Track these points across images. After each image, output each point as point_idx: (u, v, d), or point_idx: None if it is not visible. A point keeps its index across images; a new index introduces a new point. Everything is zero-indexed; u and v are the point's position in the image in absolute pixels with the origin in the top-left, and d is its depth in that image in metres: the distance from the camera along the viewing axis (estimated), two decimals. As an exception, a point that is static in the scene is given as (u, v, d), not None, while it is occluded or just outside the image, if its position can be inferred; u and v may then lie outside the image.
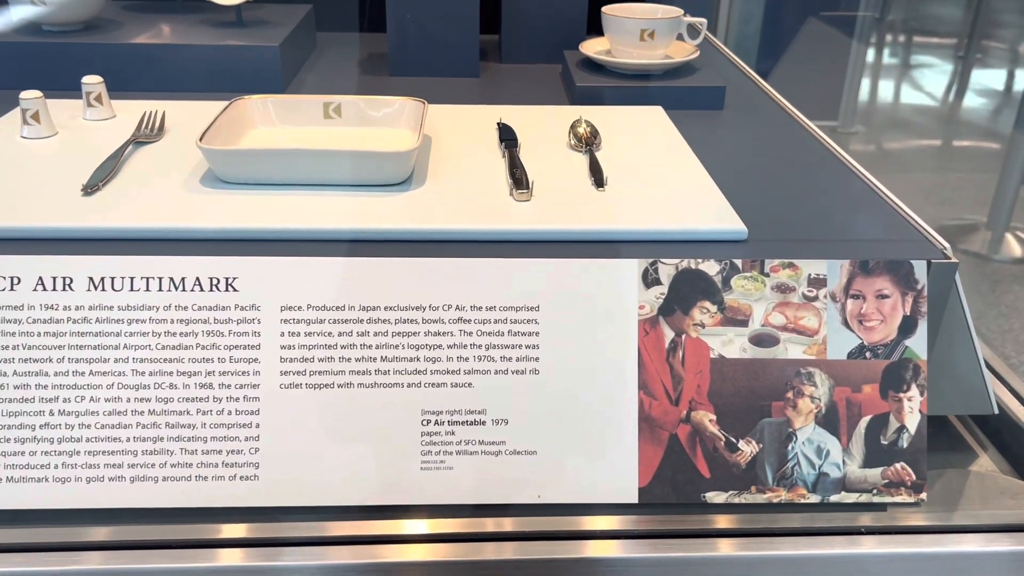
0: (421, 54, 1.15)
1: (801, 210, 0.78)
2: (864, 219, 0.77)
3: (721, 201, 0.75)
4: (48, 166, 0.80)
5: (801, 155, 0.92)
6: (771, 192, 0.82)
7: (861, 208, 0.79)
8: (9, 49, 1.05)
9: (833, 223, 0.76)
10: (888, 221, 0.76)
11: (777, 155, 0.93)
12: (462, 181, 0.79)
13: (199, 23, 1.15)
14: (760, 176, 0.86)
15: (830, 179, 0.86)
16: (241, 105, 0.87)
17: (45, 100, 0.86)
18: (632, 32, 1.05)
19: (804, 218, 0.76)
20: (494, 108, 0.99)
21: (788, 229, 0.74)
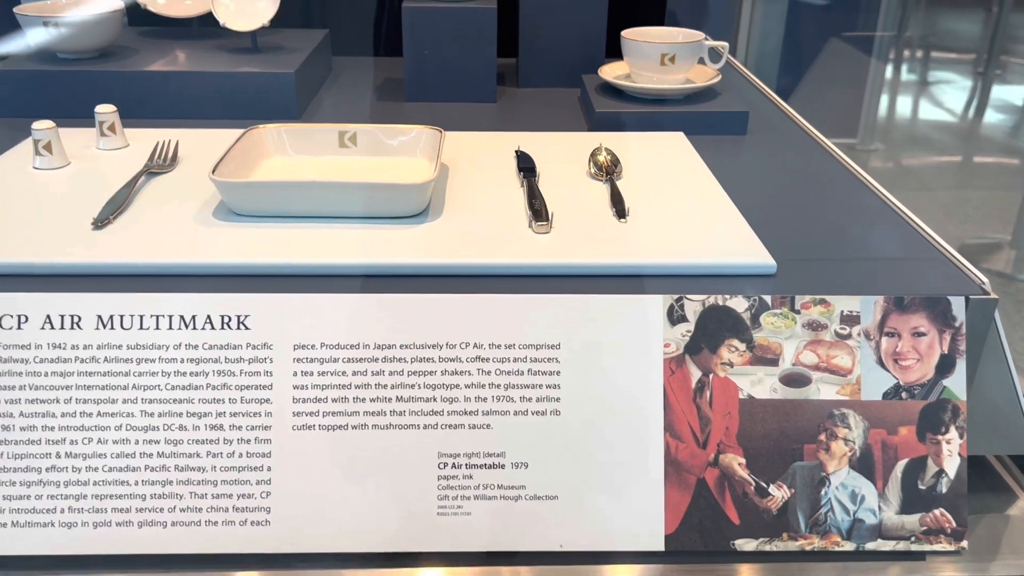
0: (437, 80, 1.14)
1: (830, 241, 0.75)
2: (897, 251, 0.74)
3: (748, 233, 0.73)
4: (59, 199, 0.79)
5: (828, 182, 0.90)
6: (798, 222, 0.80)
7: (893, 239, 0.76)
8: (24, 76, 1.04)
9: (865, 255, 0.73)
10: (923, 254, 0.73)
11: (803, 182, 0.90)
12: (480, 212, 0.77)
13: (214, 49, 1.14)
14: (786, 205, 0.84)
15: (859, 208, 0.83)
16: (255, 135, 0.85)
17: (57, 130, 0.85)
18: (652, 57, 1.03)
19: (834, 250, 0.74)
20: (512, 135, 0.97)
21: (817, 261, 0.71)
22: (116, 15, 1.07)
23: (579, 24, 1.18)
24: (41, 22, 1.02)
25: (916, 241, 0.76)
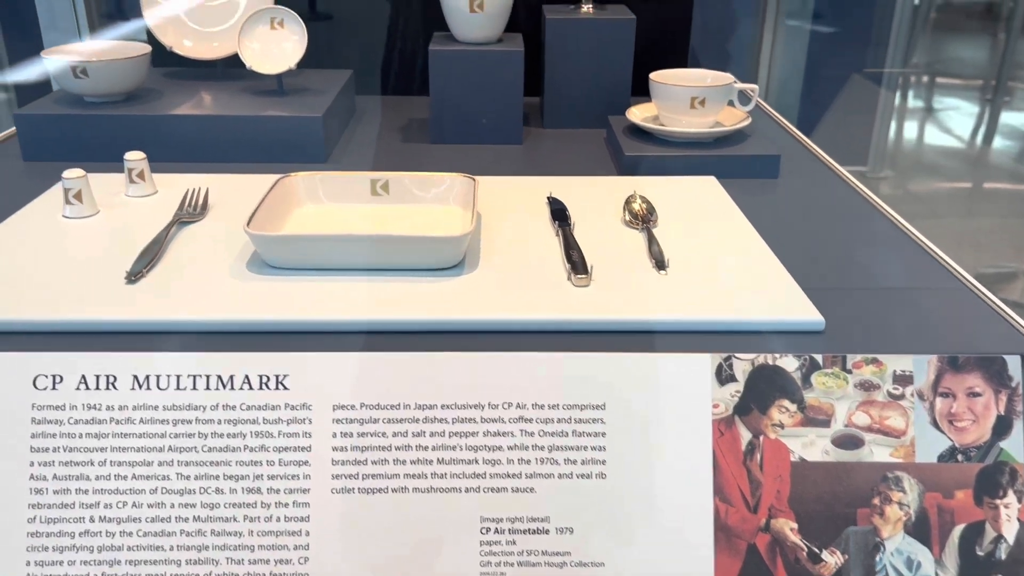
0: (463, 122, 1.13)
1: (875, 294, 0.74)
2: (947, 306, 0.72)
3: (792, 287, 0.72)
4: (90, 250, 0.78)
5: (866, 229, 0.88)
6: (841, 273, 0.78)
7: (942, 293, 0.75)
8: (51, 121, 1.03)
9: (911, 309, 0.72)
10: (975, 310, 0.72)
11: (841, 229, 0.89)
12: (516, 263, 0.76)
13: (240, 92, 1.13)
14: (826, 254, 0.82)
15: (901, 258, 0.82)
16: (287, 183, 0.84)
17: (87, 179, 0.84)
18: (682, 100, 1.02)
19: (879, 303, 0.72)
20: (542, 180, 0.96)
21: (864, 315, 0.70)
22: (143, 59, 1.07)
23: (605, 65, 1.17)
24: (69, 67, 1.02)
25: (966, 296, 0.74)
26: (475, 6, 1.09)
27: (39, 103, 1.07)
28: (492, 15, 1.10)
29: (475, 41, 1.12)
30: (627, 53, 1.17)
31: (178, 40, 1.16)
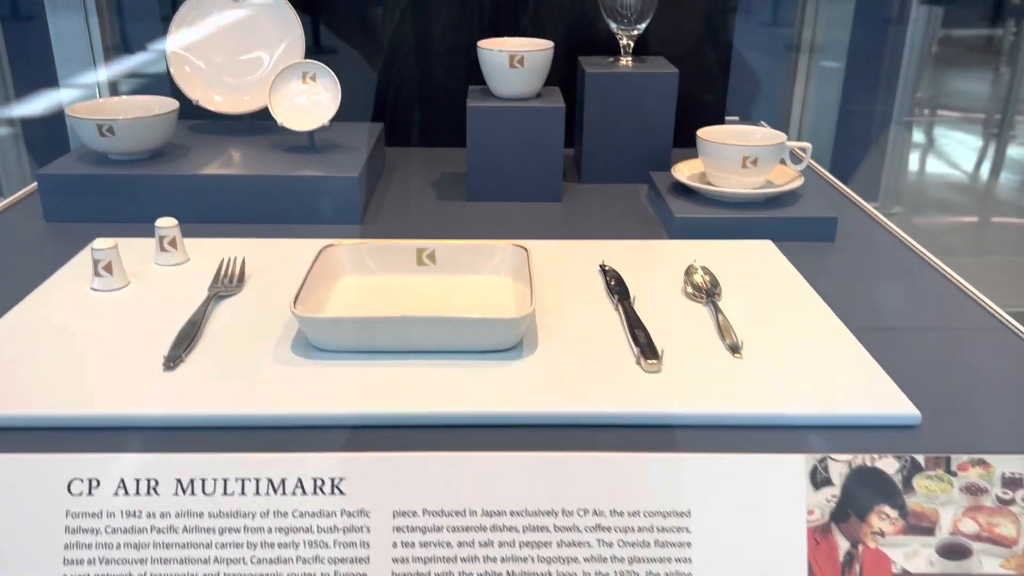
0: (501, 179, 1.09)
1: (969, 380, 0.69)
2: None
3: (878, 373, 0.67)
4: (123, 329, 0.73)
5: (938, 301, 0.84)
6: (926, 355, 0.73)
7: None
8: (75, 181, 0.99)
9: (1008, 398, 0.67)
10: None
11: (911, 301, 0.84)
12: (577, 344, 0.71)
13: (270, 147, 1.09)
14: (902, 331, 0.78)
15: (979, 333, 0.77)
16: (330, 254, 0.80)
17: (118, 249, 0.80)
18: (733, 159, 0.98)
19: (976, 391, 0.67)
20: (591, 244, 0.92)
21: (961, 406, 0.65)
22: (171, 116, 1.03)
23: (646, 119, 1.14)
24: (95, 125, 0.98)
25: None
26: (515, 62, 1.05)
27: (62, 162, 1.03)
28: (532, 70, 1.06)
29: (514, 96, 1.08)
30: (669, 108, 1.14)
31: (208, 95, 1.12)
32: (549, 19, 1.27)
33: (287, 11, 1.13)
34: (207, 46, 1.13)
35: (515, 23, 1.27)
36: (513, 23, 1.27)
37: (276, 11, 1.13)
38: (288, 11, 1.13)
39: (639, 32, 1.15)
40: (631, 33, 1.15)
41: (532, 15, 1.26)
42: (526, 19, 1.26)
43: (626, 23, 1.14)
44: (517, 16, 1.26)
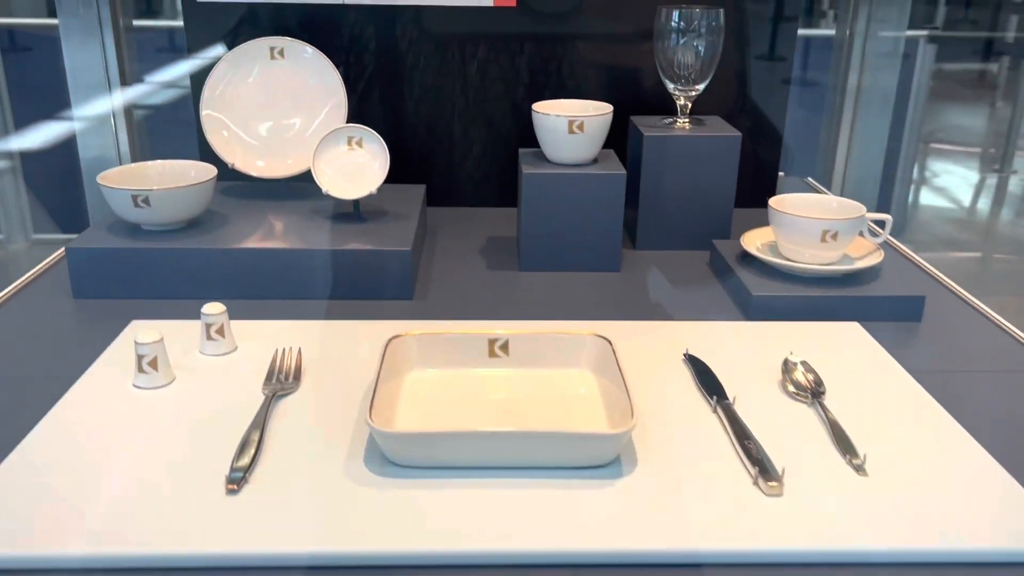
0: (557, 249, 1.03)
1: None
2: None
3: (1019, 494, 0.60)
4: (175, 438, 0.66)
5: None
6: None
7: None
8: (108, 256, 0.93)
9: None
10: None
11: (1017, 392, 0.78)
12: (680, 458, 0.64)
13: (311, 215, 1.03)
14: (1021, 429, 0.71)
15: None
16: (397, 346, 0.73)
17: (164, 343, 0.73)
18: (812, 233, 0.92)
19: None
20: (667, 327, 0.86)
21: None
22: (210, 184, 0.96)
23: (706, 184, 1.08)
24: (130, 196, 0.92)
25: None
26: (575, 127, 0.99)
27: (90, 234, 0.96)
28: (591, 136, 1.01)
29: (571, 162, 1.03)
30: (731, 172, 1.08)
31: (249, 160, 1.06)
32: (596, 78, 1.21)
33: (330, 71, 1.07)
34: (245, 108, 1.07)
35: (558, 82, 1.21)
36: (556, 82, 1.21)
37: (318, 71, 1.07)
38: (331, 71, 1.07)
39: (698, 93, 1.10)
40: (689, 94, 1.10)
41: (578, 74, 1.21)
42: (571, 79, 1.21)
43: (684, 83, 1.09)
44: (561, 75, 1.21)
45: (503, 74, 1.21)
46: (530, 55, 1.20)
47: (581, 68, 1.21)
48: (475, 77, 1.20)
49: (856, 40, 1.53)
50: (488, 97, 1.22)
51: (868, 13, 1.50)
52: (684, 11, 1.06)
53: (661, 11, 1.07)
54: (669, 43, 1.07)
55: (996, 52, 6.55)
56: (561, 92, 1.21)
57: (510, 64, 1.20)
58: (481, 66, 1.20)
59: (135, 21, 1.50)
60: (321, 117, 1.08)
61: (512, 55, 1.20)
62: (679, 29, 1.06)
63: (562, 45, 1.20)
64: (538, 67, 1.21)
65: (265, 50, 1.08)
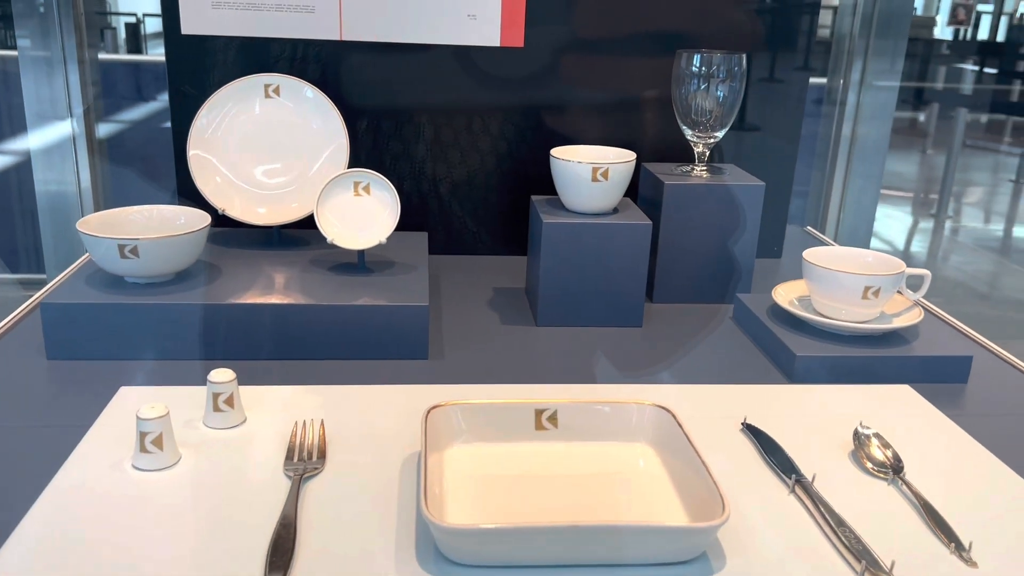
0: (576, 302, 0.97)
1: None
2: None
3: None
4: (188, 534, 0.57)
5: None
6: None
7: None
8: (88, 313, 0.83)
9: None
10: None
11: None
12: (770, 549, 0.57)
13: (311, 266, 0.95)
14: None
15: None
16: (437, 417, 0.65)
17: (169, 417, 0.64)
18: (854, 289, 0.87)
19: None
20: (715, 392, 0.80)
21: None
22: (203, 233, 0.88)
23: (728, 235, 1.03)
24: (117, 246, 0.82)
25: None
26: (599, 174, 0.94)
27: (67, 287, 0.86)
28: (615, 184, 0.95)
29: (592, 211, 0.97)
30: (754, 222, 1.04)
31: (249, 208, 0.97)
32: (606, 123, 1.16)
33: (331, 113, 0.99)
34: (239, 149, 0.99)
35: (562, 127, 1.16)
36: (560, 127, 1.16)
37: (319, 112, 1.00)
38: (332, 112, 0.99)
39: (716, 140, 1.06)
40: (707, 140, 1.05)
41: (588, 119, 1.16)
42: (574, 124, 1.16)
43: (703, 129, 1.05)
44: (564, 120, 1.16)
45: (509, 116, 1.15)
46: (536, 97, 1.15)
47: (584, 113, 1.16)
48: (480, 119, 1.14)
49: (850, 91, 1.53)
50: (493, 140, 1.15)
51: (864, 64, 1.50)
52: (705, 55, 1.01)
53: (682, 55, 1.03)
54: (689, 88, 1.02)
55: (925, 100, 6.79)
56: (560, 138, 1.15)
57: (517, 106, 1.14)
58: (486, 108, 1.14)
59: (104, 55, 1.40)
60: (321, 161, 1.00)
61: (519, 97, 1.14)
62: (700, 74, 1.02)
63: (568, 89, 1.15)
64: (543, 111, 1.15)
65: (259, 87, 1.00)
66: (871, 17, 1.51)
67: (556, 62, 1.13)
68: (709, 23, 1.13)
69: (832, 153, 1.53)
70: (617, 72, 1.15)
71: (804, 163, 1.76)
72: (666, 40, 1.12)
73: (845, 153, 1.52)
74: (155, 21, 4.78)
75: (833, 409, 0.77)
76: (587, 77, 1.15)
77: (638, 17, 1.12)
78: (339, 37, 1.08)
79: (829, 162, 1.54)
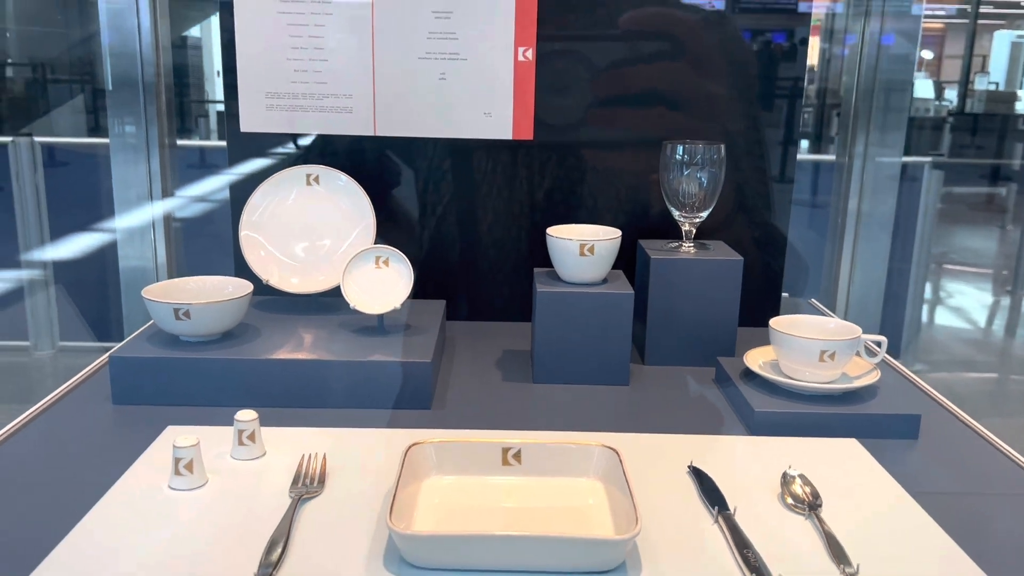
0: (568, 363, 1.09)
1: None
2: None
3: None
4: (206, 538, 0.70)
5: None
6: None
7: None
8: (149, 365, 0.99)
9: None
10: None
11: (1016, 517, 0.81)
12: (683, 566, 0.67)
13: (338, 328, 1.10)
14: (1016, 552, 0.74)
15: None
16: (416, 453, 0.78)
17: (200, 447, 0.78)
18: (811, 352, 0.97)
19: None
20: (674, 440, 0.90)
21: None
22: (246, 299, 1.04)
23: (711, 305, 1.14)
24: (172, 309, 0.99)
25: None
26: (586, 250, 1.07)
27: (133, 343, 1.03)
28: (601, 257, 1.08)
29: (582, 282, 1.09)
30: (734, 294, 1.14)
31: (284, 278, 1.14)
32: (605, 202, 1.30)
33: (361, 198, 1.16)
34: (282, 229, 1.16)
35: (573, 204, 1.30)
36: (570, 207, 1.30)
37: (350, 196, 1.16)
38: (362, 196, 1.16)
39: (701, 220, 1.18)
40: (693, 220, 1.18)
41: (590, 200, 1.30)
42: (584, 204, 1.30)
43: (688, 211, 1.17)
44: (576, 198, 1.30)
45: (520, 199, 1.29)
46: (545, 182, 1.29)
47: (593, 194, 1.29)
48: (495, 201, 1.29)
49: (856, 164, 1.63)
50: (506, 220, 1.30)
51: (866, 139, 1.60)
52: (688, 146, 1.15)
53: (666, 145, 1.16)
54: (674, 174, 1.15)
55: (1003, 177, 6.72)
56: (574, 216, 1.29)
57: (527, 190, 1.29)
58: (500, 192, 1.29)
59: (185, 141, 1.62)
60: (351, 239, 1.16)
61: (529, 183, 1.29)
62: (683, 162, 1.15)
63: (576, 173, 1.29)
64: (553, 193, 1.29)
65: (302, 177, 1.17)
66: (871, 93, 1.61)
67: (562, 151, 1.28)
68: (700, 117, 1.27)
69: (840, 227, 1.62)
70: (622, 158, 1.29)
71: (820, 235, 1.86)
72: (660, 133, 1.25)
73: (852, 227, 1.61)
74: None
75: (776, 457, 0.86)
76: (594, 164, 1.29)
77: (631, 116, 1.27)
78: (373, 133, 1.26)
79: (837, 235, 1.63)
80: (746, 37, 1.28)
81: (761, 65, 1.28)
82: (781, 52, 1.30)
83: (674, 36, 1.24)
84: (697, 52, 1.24)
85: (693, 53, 1.24)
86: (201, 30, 9.08)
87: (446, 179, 1.28)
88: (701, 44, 1.25)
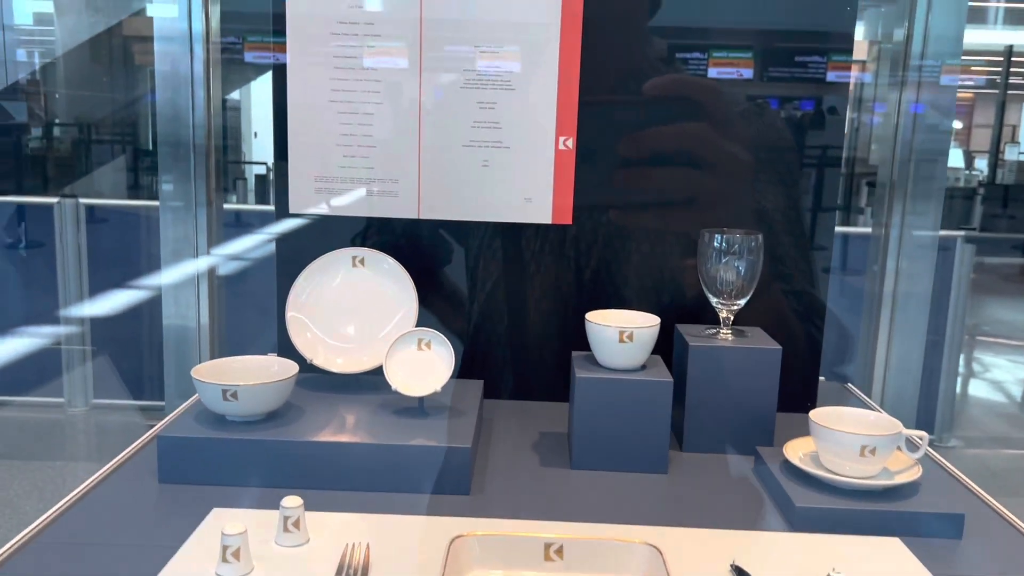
0: (607, 449, 1.09)
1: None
2: None
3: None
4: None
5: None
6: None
7: None
8: (195, 445, 1.01)
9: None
10: None
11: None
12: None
13: (380, 409, 1.11)
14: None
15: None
16: (459, 546, 0.79)
17: (247, 535, 0.80)
18: (851, 447, 0.97)
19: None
20: (715, 536, 0.90)
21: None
22: (291, 381, 1.06)
23: (749, 393, 1.15)
24: (220, 390, 1.01)
25: None
26: (625, 337, 1.08)
27: (180, 422, 1.06)
28: (640, 345, 1.09)
29: (621, 367, 1.11)
30: (772, 382, 1.15)
31: (330, 358, 1.16)
32: (643, 287, 1.31)
33: (405, 280, 1.19)
34: (328, 311, 1.19)
35: (611, 289, 1.32)
36: (609, 289, 1.32)
37: (395, 279, 1.19)
38: (406, 280, 1.19)
39: (739, 307, 1.19)
40: (731, 307, 1.19)
41: (629, 286, 1.31)
42: (623, 289, 1.31)
43: (726, 298, 1.18)
44: (613, 284, 1.32)
45: (560, 284, 1.31)
46: (585, 268, 1.31)
47: (632, 280, 1.31)
48: (535, 286, 1.31)
49: (892, 234, 1.63)
50: (546, 304, 1.32)
51: (903, 209, 1.60)
52: (726, 235, 1.16)
53: (704, 234, 1.18)
54: (712, 263, 1.17)
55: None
56: (613, 301, 1.30)
57: (566, 276, 1.31)
58: (540, 276, 1.31)
59: (230, 206, 1.68)
60: (395, 321, 1.18)
61: (568, 268, 1.31)
62: (721, 250, 1.17)
63: (615, 259, 1.31)
64: (592, 278, 1.31)
65: (348, 259, 1.20)
66: (907, 162, 1.62)
67: (601, 236, 1.30)
68: (730, 206, 1.29)
69: (875, 311, 1.62)
70: (660, 243, 1.31)
71: (852, 302, 1.86)
72: (698, 221, 1.27)
73: (889, 305, 1.61)
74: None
75: (819, 556, 0.86)
76: (630, 249, 1.31)
77: (667, 203, 1.29)
78: (417, 216, 1.29)
79: (873, 314, 1.63)
80: (773, 105, 1.30)
81: (795, 135, 1.30)
82: (811, 120, 1.32)
83: (711, 113, 1.27)
84: (735, 135, 1.27)
85: (732, 137, 1.27)
86: (240, 93, 9.39)
87: (489, 263, 1.31)
88: (739, 130, 1.28)
